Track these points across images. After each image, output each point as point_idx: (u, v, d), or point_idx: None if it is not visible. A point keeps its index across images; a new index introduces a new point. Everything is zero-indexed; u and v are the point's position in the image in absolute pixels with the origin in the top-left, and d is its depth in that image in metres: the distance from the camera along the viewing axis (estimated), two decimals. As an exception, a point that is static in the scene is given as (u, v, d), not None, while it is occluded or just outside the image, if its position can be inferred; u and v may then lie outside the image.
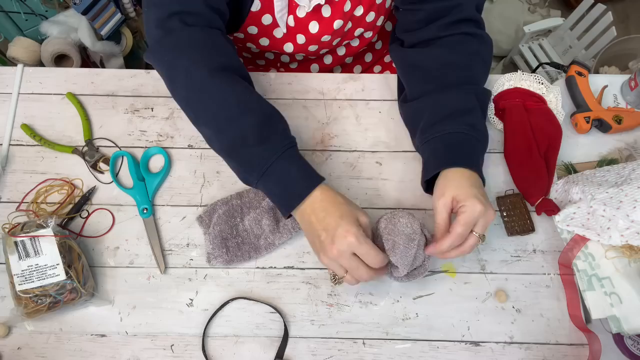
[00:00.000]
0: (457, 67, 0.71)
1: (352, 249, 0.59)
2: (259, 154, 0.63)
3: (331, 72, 0.97)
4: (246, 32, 0.80)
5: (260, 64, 0.96)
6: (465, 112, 0.68)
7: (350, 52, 0.90)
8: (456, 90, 0.70)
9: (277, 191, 0.64)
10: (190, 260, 0.72)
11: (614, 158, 0.78)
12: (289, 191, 0.63)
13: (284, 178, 0.63)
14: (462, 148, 0.67)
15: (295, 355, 0.68)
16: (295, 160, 0.64)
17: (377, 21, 0.83)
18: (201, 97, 0.64)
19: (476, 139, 0.68)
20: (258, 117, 0.64)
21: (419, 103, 0.72)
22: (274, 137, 0.64)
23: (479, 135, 0.69)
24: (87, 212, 0.75)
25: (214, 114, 0.64)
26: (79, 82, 0.83)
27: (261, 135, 0.63)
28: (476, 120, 0.69)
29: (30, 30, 1.60)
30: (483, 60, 0.74)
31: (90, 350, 0.68)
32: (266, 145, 0.63)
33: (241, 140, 0.63)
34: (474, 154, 0.67)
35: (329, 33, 0.79)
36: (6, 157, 0.78)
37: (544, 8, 1.98)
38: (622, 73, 1.50)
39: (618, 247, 0.68)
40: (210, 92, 0.64)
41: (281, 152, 0.63)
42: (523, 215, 0.74)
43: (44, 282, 0.64)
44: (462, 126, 0.67)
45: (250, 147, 0.63)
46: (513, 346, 0.68)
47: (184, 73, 0.65)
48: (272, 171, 0.62)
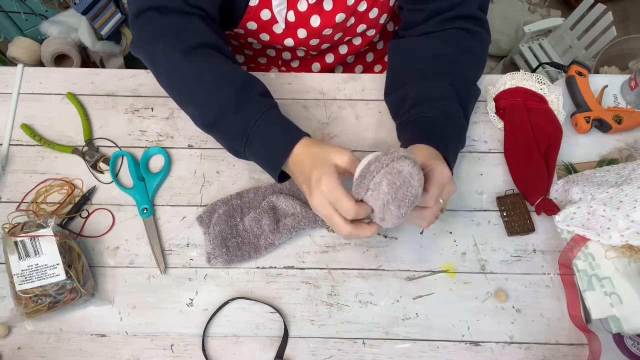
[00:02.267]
0: (446, 59, 0.72)
1: (325, 199, 0.57)
2: (238, 122, 0.64)
3: (332, 71, 0.97)
4: (246, 28, 0.80)
5: (262, 62, 0.96)
6: (441, 100, 0.68)
7: (352, 50, 0.90)
8: (438, 80, 0.70)
9: (263, 154, 0.64)
10: (190, 260, 0.72)
11: (614, 158, 0.78)
12: (273, 151, 0.63)
13: (266, 139, 0.63)
14: (434, 131, 0.66)
15: (295, 355, 0.68)
16: (274, 121, 0.64)
17: (380, 18, 0.82)
18: (180, 78, 0.67)
19: (448, 125, 0.67)
20: (234, 86, 0.65)
21: (403, 90, 0.72)
22: (251, 103, 0.64)
23: (452, 123, 0.68)
24: (87, 212, 0.75)
25: (193, 92, 0.66)
26: (79, 82, 0.83)
27: (238, 104, 0.64)
28: (451, 109, 0.68)
29: (30, 30, 1.60)
30: (476, 57, 0.75)
31: (90, 350, 0.68)
32: (244, 111, 0.64)
33: (221, 113, 0.64)
34: (445, 138, 0.66)
35: (331, 26, 0.79)
36: (6, 157, 0.78)
37: (544, 8, 1.98)
38: (622, 73, 1.50)
39: (618, 247, 0.68)
40: (187, 72, 0.66)
41: (259, 115, 0.63)
42: (523, 215, 0.74)
43: (44, 282, 0.64)
44: (435, 111, 0.67)
45: (230, 116, 0.64)
46: (513, 346, 0.68)
47: (162, 58, 0.67)
48: (253, 135, 0.63)
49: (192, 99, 0.67)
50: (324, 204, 0.57)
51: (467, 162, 0.78)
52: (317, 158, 0.59)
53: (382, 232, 0.74)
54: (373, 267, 0.72)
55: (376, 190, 0.54)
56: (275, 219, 0.72)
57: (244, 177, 0.77)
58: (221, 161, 0.78)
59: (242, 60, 0.96)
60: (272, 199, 0.73)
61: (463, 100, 0.71)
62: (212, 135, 0.69)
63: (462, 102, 0.70)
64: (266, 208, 0.72)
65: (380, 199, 0.54)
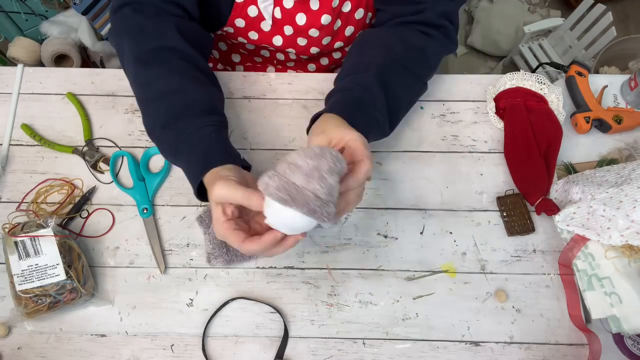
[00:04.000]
0: (391, 49, 0.72)
1: (222, 238, 0.56)
2: (171, 136, 0.63)
3: (329, 71, 0.97)
4: (235, 26, 0.81)
5: (258, 60, 0.96)
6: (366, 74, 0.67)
7: (346, 53, 0.90)
8: (373, 61, 0.69)
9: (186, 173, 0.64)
10: (190, 260, 0.72)
11: (614, 158, 0.78)
12: (191, 176, 0.63)
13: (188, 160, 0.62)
14: (351, 105, 0.64)
15: (295, 355, 0.68)
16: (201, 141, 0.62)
17: (366, 19, 0.83)
18: (134, 79, 0.69)
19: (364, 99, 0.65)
20: (177, 99, 0.64)
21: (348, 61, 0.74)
22: (186, 120, 0.63)
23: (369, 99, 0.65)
24: (87, 212, 0.75)
25: (140, 96, 0.68)
26: (79, 82, 0.83)
27: (173, 121, 0.64)
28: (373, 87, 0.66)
29: (30, 30, 1.60)
30: (424, 56, 0.74)
31: (90, 350, 0.68)
32: (177, 127, 0.63)
33: (158, 123, 0.65)
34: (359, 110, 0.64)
35: (317, 27, 0.79)
36: (6, 157, 0.78)
37: (544, 8, 1.98)
38: (622, 73, 1.50)
39: (618, 247, 0.68)
40: (138, 75, 0.67)
41: (189, 133, 0.62)
42: (523, 215, 0.74)
43: (44, 282, 0.64)
44: (355, 84, 0.66)
45: (165, 129, 0.64)
46: (513, 346, 0.68)
47: (125, 57, 0.69)
48: (181, 151, 0.63)
49: (140, 102, 0.68)
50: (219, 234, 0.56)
51: (467, 162, 0.78)
52: (219, 196, 0.56)
53: (382, 232, 0.74)
54: (373, 267, 0.72)
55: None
56: None
57: (244, 177, 0.77)
58: (221, 161, 0.78)
59: (238, 60, 0.96)
60: None
61: (392, 84, 0.69)
62: (154, 142, 0.68)
63: (389, 85, 0.68)
64: None
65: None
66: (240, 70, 0.97)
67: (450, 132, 0.80)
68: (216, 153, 0.62)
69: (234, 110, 0.82)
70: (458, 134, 0.80)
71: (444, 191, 0.76)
